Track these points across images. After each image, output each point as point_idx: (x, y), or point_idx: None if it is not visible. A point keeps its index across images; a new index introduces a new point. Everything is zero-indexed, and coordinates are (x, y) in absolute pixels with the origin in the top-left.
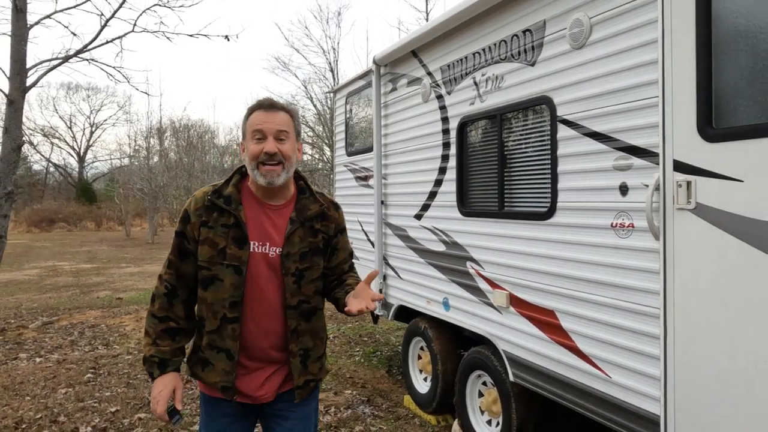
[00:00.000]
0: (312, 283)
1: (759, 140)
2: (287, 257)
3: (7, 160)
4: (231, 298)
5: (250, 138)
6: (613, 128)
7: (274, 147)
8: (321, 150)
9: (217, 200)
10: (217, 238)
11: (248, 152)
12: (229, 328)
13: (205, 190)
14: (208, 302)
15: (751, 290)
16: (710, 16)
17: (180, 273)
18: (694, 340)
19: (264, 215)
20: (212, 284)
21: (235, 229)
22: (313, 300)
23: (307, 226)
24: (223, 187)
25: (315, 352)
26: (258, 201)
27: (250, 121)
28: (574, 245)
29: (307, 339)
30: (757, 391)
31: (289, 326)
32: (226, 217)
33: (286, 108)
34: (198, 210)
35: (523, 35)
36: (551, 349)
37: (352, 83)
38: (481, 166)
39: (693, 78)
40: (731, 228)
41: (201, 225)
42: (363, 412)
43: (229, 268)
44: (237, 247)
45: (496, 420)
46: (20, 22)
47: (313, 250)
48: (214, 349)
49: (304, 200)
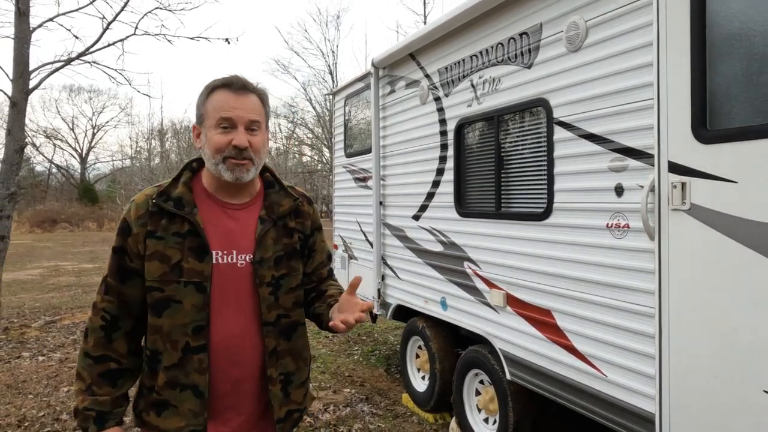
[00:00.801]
0: (291, 293)
1: (753, 142)
2: (261, 264)
3: (10, 161)
4: (194, 323)
5: (214, 126)
6: (608, 130)
7: (245, 140)
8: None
9: (165, 203)
10: (170, 250)
11: (210, 143)
12: (194, 359)
13: (148, 193)
14: (165, 331)
15: (744, 290)
16: (705, 20)
17: (122, 299)
18: (689, 339)
19: (226, 217)
20: (168, 308)
21: (191, 238)
22: (293, 313)
23: (280, 226)
24: (171, 188)
25: (298, 377)
26: (217, 201)
27: (214, 103)
28: (571, 245)
29: (288, 361)
30: (750, 390)
31: (267, 347)
32: (179, 223)
33: (258, 90)
34: (141, 218)
35: (520, 38)
36: (548, 348)
37: (351, 85)
38: (478, 168)
39: (687, 80)
40: (725, 228)
41: (147, 236)
42: (362, 411)
43: (188, 287)
44: (196, 259)
45: (493, 418)
46: (23, 25)
47: (289, 253)
48: (176, 388)
49: (273, 195)
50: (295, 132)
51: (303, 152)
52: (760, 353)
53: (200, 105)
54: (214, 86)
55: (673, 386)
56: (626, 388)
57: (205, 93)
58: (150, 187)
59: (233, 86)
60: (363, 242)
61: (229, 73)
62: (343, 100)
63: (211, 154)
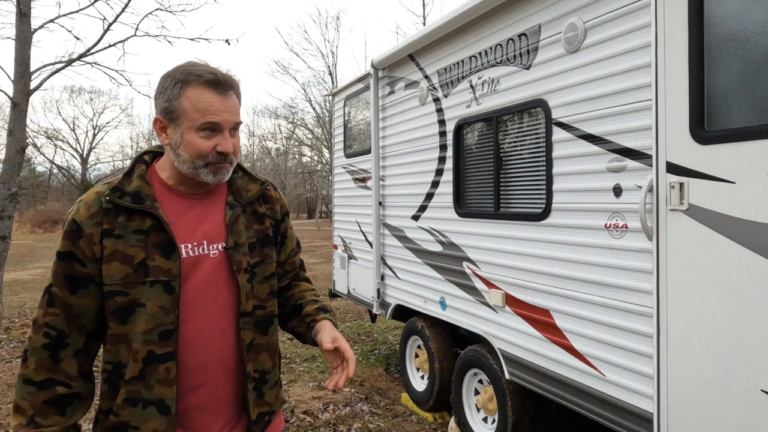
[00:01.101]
0: (266, 282)
1: (750, 142)
2: (235, 250)
3: (11, 162)
4: (161, 327)
5: (196, 128)
6: (607, 131)
7: (230, 145)
8: (320, 152)
9: (121, 199)
10: (131, 249)
11: (191, 148)
12: (160, 369)
13: (99, 190)
14: (129, 339)
15: (741, 289)
16: (702, 21)
17: (70, 312)
18: (687, 338)
19: (191, 207)
20: (133, 314)
21: (155, 234)
22: (269, 304)
23: (250, 212)
24: (125, 182)
25: (272, 376)
26: (178, 192)
27: (195, 103)
28: (569, 246)
29: (264, 358)
30: (747, 389)
31: (244, 341)
32: (138, 219)
33: (235, 86)
34: (94, 216)
35: (519, 39)
36: (546, 347)
37: (351, 86)
38: (477, 168)
39: (685, 81)
40: (723, 229)
41: (103, 236)
42: (361, 410)
43: (155, 287)
44: (162, 256)
45: (492, 417)
46: (24, 26)
47: (261, 240)
48: (137, 404)
49: (239, 180)
50: (294, 132)
51: (303, 153)
52: (757, 353)
53: (171, 98)
54: (191, 80)
55: (671, 386)
56: (624, 388)
57: (177, 84)
58: (98, 185)
59: (219, 87)
60: (362, 242)
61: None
62: (343, 100)
63: (190, 158)
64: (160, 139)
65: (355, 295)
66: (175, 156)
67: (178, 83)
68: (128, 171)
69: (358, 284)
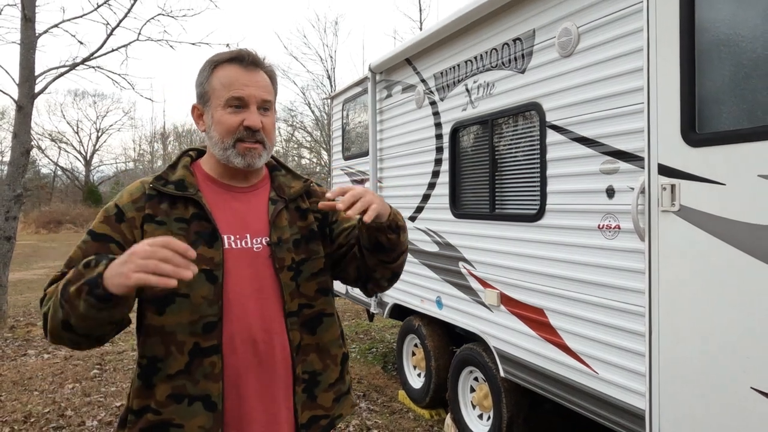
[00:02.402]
0: (313, 280)
1: (740, 145)
2: (279, 246)
3: (17, 163)
4: (205, 319)
5: (223, 105)
6: (600, 133)
7: (258, 120)
8: (319, 154)
9: (165, 187)
10: (173, 236)
11: (220, 125)
12: (205, 363)
13: (143, 180)
14: (167, 331)
15: (731, 288)
16: (693, 26)
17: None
18: (678, 337)
19: (233, 200)
20: (172, 303)
21: (197, 222)
22: (318, 303)
23: (293, 208)
24: (169, 172)
25: (326, 377)
26: (221, 185)
27: (222, 79)
28: (563, 246)
29: (313, 358)
30: (738, 386)
31: (293, 341)
32: (181, 207)
33: (267, 67)
34: (137, 202)
35: (514, 44)
36: (540, 346)
37: (349, 90)
38: (472, 170)
39: (677, 85)
40: (713, 229)
41: (145, 220)
42: (359, 407)
43: (197, 276)
44: (205, 245)
45: (487, 414)
46: (29, 31)
47: (306, 236)
48: (182, 401)
49: (281, 178)
50: (294, 135)
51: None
52: (748, 351)
53: (203, 82)
54: (220, 60)
55: (663, 383)
56: (617, 385)
57: (208, 68)
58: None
59: (244, 61)
60: None
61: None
62: (341, 104)
63: (220, 137)
64: (198, 127)
65: (353, 294)
66: (210, 140)
67: (209, 66)
68: (173, 163)
69: None
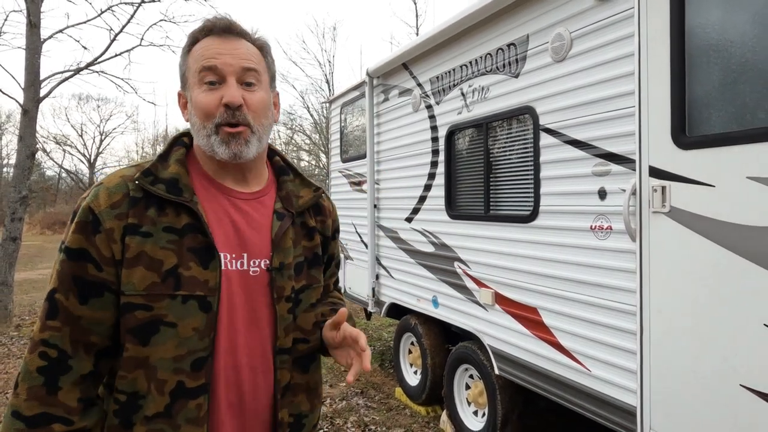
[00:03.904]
0: (311, 311)
1: (729, 147)
2: (280, 272)
3: (22, 166)
4: (194, 354)
5: (197, 82)
6: (592, 136)
7: (237, 95)
8: (317, 157)
9: (154, 186)
10: (161, 252)
11: (197, 107)
12: (190, 405)
13: (125, 174)
14: (150, 365)
15: (721, 288)
16: (684, 31)
17: (79, 326)
18: (668, 335)
19: (233, 209)
20: (157, 333)
21: (191, 236)
22: (314, 338)
23: (299, 224)
24: (159, 166)
25: (312, 418)
26: (219, 188)
27: (196, 54)
28: (556, 246)
29: (302, 399)
30: (727, 384)
31: (280, 381)
32: (172, 213)
33: (252, 36)
34: (117, 206)
35: (508, 49)
36: (534, 344)
37: (347, 94)
38: (468, 172)
39: (667, 89)
40: (703, 230)
41: (127, 231)
42: (357, 404)
43: (188, 303)
44: (199, 264)
45: (482, 411)
46: (34, 36)
47: (310, 260)
48: None
49: (289, 184)
50: (293, 138)
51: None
52: (736, 349)
53: (182, 62)
54: (196, 34)
55: (654, 381)
56: (609, 383)
57: (186, 46)
58: (125, 167)
59: (217, 28)
60: (358, 243)
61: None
62: (339, 107)
63: (199, 122)
64: (183, 116)
65: (351, 293)
66: (193, 130)
67: (188, 42)
68: (163, 153)
69: (354, 283)
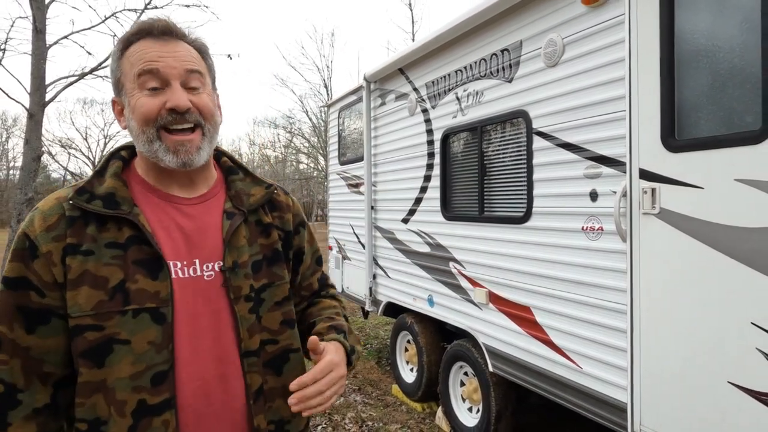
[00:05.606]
0: (277, 310)
1: (717, 150)
2: (234, 272)
3: (28, 168)
4: (153, 369)
5: (137, 88)
6: (584, 139)
7: (184, 98)
8: (316, 159)
9: (89, 203)
10: (105, 269)
11: (137, 112)
12: (155, 423)
13: (60, 195)
14: (108, 387)
15: (709, 287)
16: (673, 37)
17: (28, 358)
18: (658, 333)
19: (179, 215)
20: (111, 353)
21: (136, 247)
22: (283, 337)
23: (253, 222)
24: (95, 183)
25: (295, 425)
26: (162, 195)
27: (132, 57)
28: (548, 247)
29: (280, 404)
30: (715, 381)
31: (251, 386)
32: (114, 228)
33: (191, 38)
34: (52, 229)
35: (502, 54)
36: (527, 342)
37: (345, 98)
38: (462, 175)
39: (657, 93)
40: (692, 231)
41: (66, 253)
42: (354, 400)
43: (140, 317)
44: (147, 276)
45: (476, 407)
46: (40, 42)
47: (269, 257)
48: None
49: (239, 183)
50: (292, 141)
51: (300, 160)
52: (724, 347)
53: (115, 67)
54: (128, 38)
55: (644, 377)
56: (600, 380)
57: (118, 50)
58: (61, 189)
59: (155, 30)
60: (356, 244)
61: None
62: (337, 111)
63: (140, 127)
64: (120, 124)
65: (348, 293)
66: (132, 136)
67: (120, 46)
68: (99, 168)
69: (352, 283)
